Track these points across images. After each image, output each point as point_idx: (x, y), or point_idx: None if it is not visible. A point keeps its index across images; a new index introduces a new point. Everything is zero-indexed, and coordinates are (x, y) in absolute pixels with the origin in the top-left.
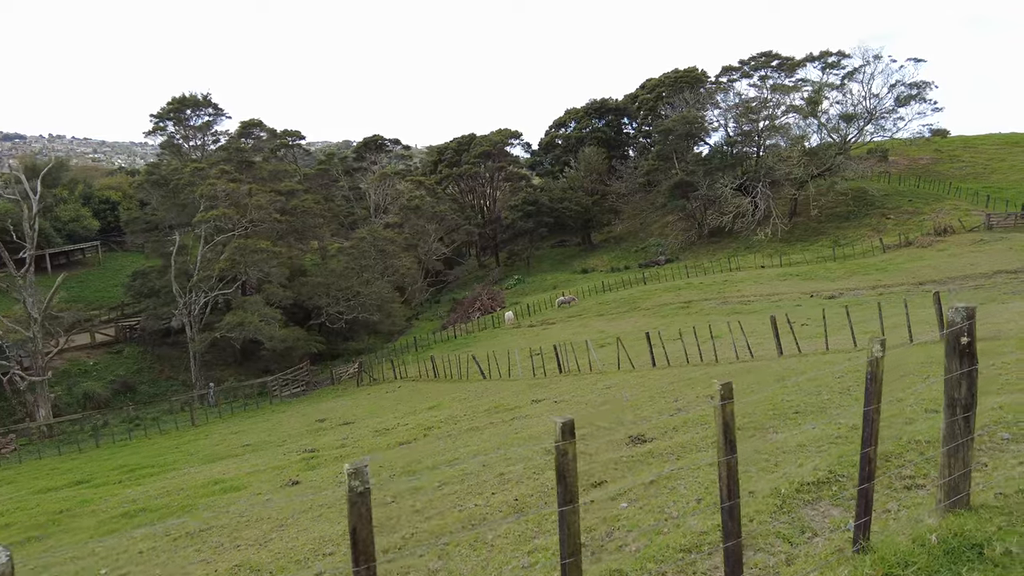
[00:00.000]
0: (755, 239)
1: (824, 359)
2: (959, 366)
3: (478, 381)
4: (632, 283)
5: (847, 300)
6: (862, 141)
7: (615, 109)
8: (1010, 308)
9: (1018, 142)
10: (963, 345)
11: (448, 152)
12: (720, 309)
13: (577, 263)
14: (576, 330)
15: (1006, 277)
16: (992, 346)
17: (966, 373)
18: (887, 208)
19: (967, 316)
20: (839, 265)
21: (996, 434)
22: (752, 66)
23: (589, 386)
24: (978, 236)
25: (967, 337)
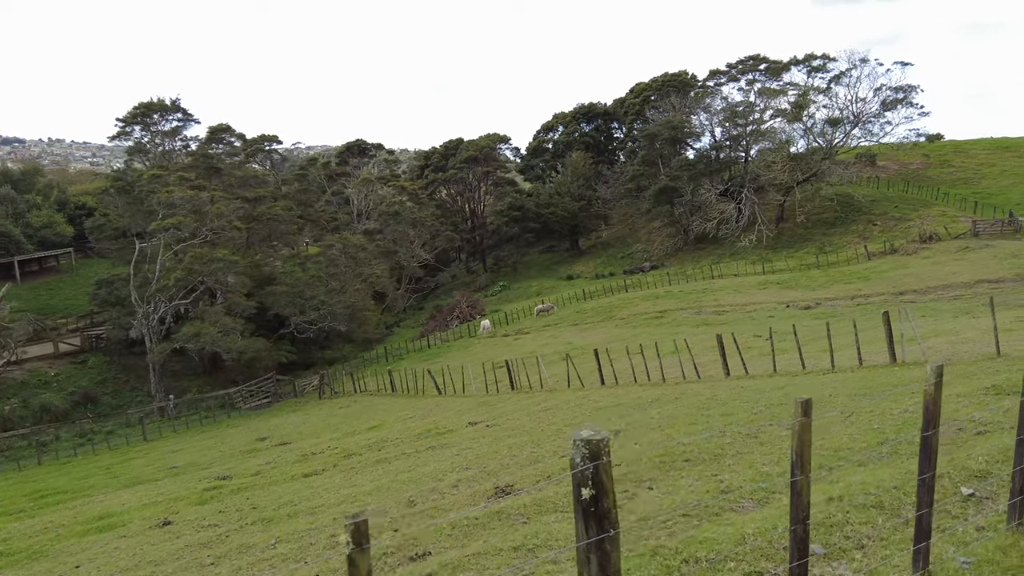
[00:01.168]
0: (740, 246)
1: (766, 383)
2: (586, 533)
3: (433, 397)
4: (614, 291)
5: (822, 312)
6: (849, 145)
7: (603, 114)
8: (979, 324)
9: (1009, 147)
10: (586, 501)
11: (435, 157)
12: (693, 319)
13: (563, 269)
14: (546, 341)
15: (987, 287)
16: (908, 374)
17: (595, 544)
18: (874, 214)
19: (591, 455)
20: (822, 273)
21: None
22: (740, 70)
23: (530, 407)
24: (964, 243)
25: (592, 489)
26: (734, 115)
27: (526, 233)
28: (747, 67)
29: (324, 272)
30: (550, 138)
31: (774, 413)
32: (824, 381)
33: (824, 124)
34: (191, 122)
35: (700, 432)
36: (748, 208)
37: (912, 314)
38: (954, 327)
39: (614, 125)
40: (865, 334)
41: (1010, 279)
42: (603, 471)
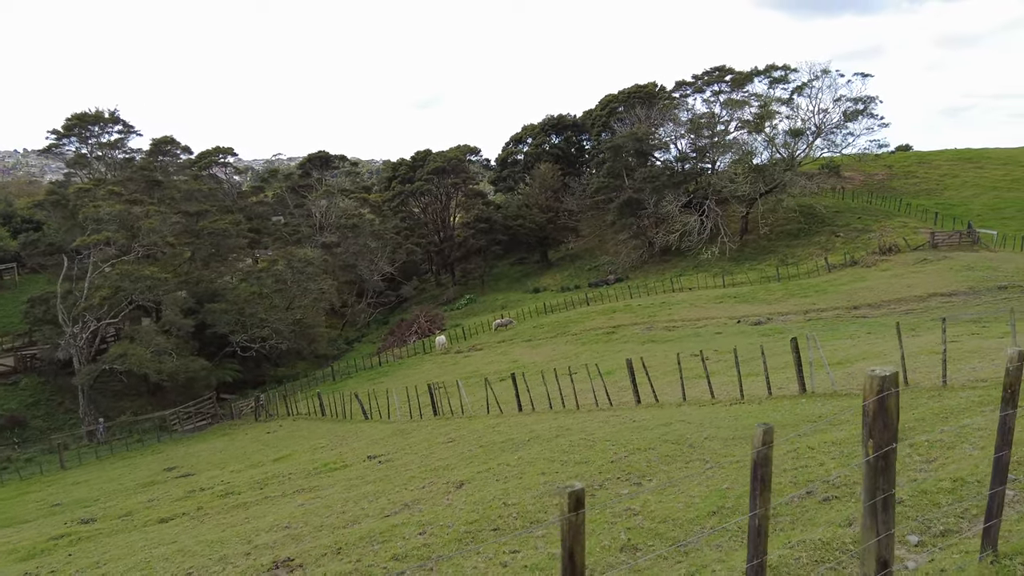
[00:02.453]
0: (703, 258)
1: (660, 416)
2: None
3: (359, 421)
4: (575, 304)
5: (771, 328)
6: (812, 157)
7: (572, 125)
8: (919, 341)
9: (971, 158)
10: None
11: (402, 168)
12: (641, 336)
13: (531, 282)
14: (494, 359)
15: (939, 301)
16: (810, 408)
17: None
18: (837, 225)
19: None
20: (781, 286)
21: None
22: (705, 81)
23: (437, 438)
24: (922, 255)
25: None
26: (697, 126)
27: (494, 245)
28: (712, 78)
29: (270, 288)
30: (519, 150)
31: (630, 463)
32: (720, 416)
33: (786, 135)
34: (132, 134)
35: (539, 486)
36: (711, 220)
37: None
38: (884, 348)
39: (583, 137)
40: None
41: (962, 292)
42: None
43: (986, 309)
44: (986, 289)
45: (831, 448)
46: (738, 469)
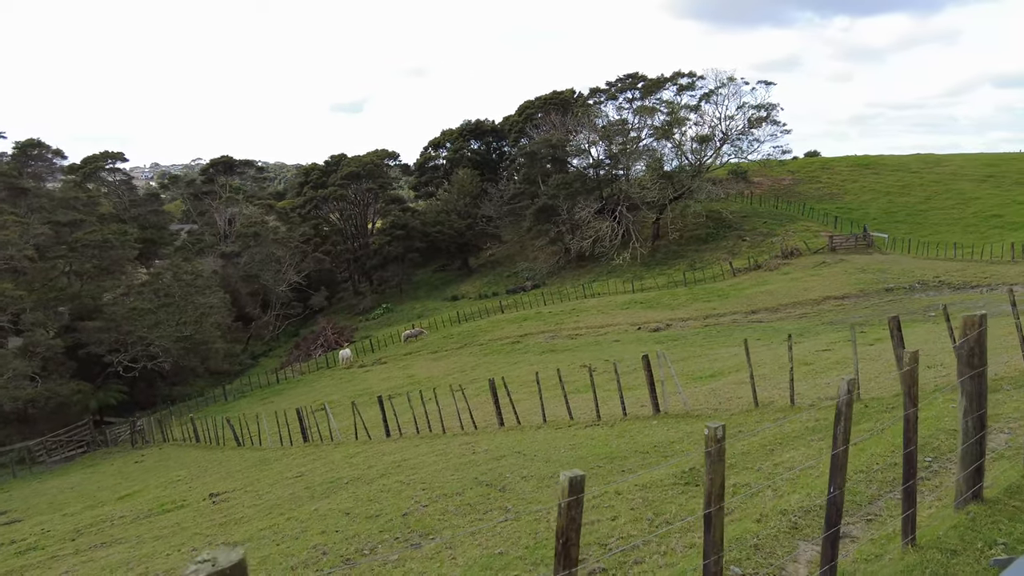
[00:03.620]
0: (615, 263)
1: (515, 441)
2: None
3: (231, 448)
4: (490, 312)
5: (668, 334)
6: (719, 163)
7: (491, 131)
8: (798, 349)
9: (869, 164)
10: None
11: (315, 174)
12: (543, 346)
13: (451, 289)
14: (392, 374)
15: (832, 304)
16: (656, 433)
17: None
18: (744, 230)
19: None
20: (687, 291)
21: None
22: (618, 88)
23: (295, 469)
24: (821, 258)
25: None
26: (608, 133)
27: (411, 253)
28: (625, 85)
29: (154, 303)
30: (438, 155)
31: (423, 517)
32: (560, 444)
33: (693, 142)
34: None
35: (304, 552)
36: (623, 226)
37: (750, 335)
38: (759, 359)
39: (503, 143)
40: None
41: (854, 295)
42: None
43: (872, 312)
44: (875, 291)
45: (638, 495)
46: (533, 523)
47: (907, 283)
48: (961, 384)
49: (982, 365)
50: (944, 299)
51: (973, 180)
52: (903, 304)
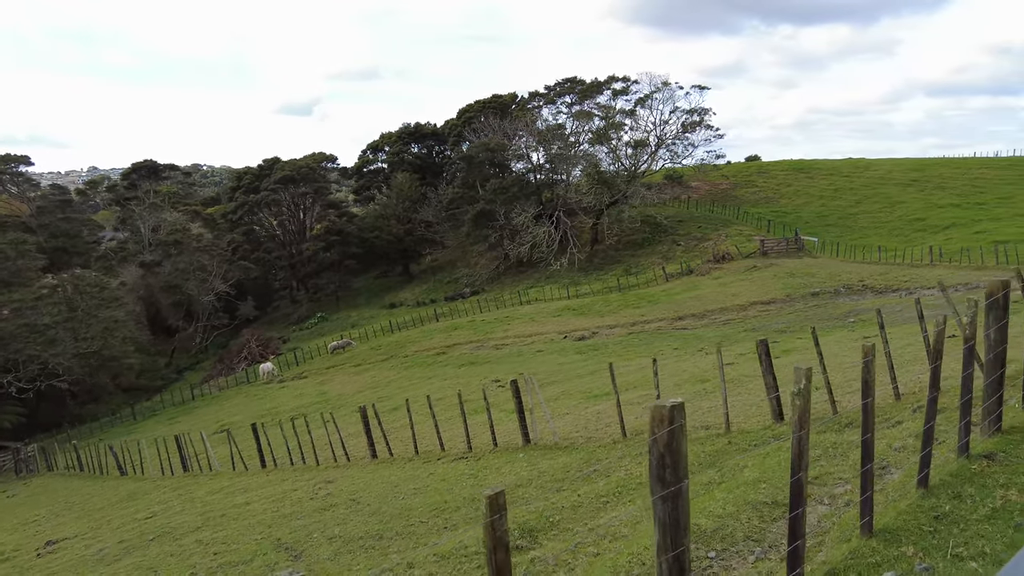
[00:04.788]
0: (553, 269)
1: (370, 478)
2: None
3: (115, 478)
4: (424, 320)
5: (592, 343)
6: (655, 168)
7: (432, 135)
8: (705, 363)
9: (803, 168)
10: None
11: (247, 178)
12: (465, 357)
13: (389, 296)
14: (306, 391)
15: (758, 309)
16: (517, 470)
17: None
18: (679, 234)
19: None
20: (620, 297)
21: None
22: (556, 92)
23: (154, 506)
24: (752, 262)
25: None
26: (544, 137)
27: (348, 259)
28: (564, 89)
29: (53, 318)
30: (377, 159)
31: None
32: (408, 484)
33: (627, 147)
34: None
35: None
36: (560, 231)
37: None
38: (672, 370)
39: (444, 147)
40: (574, 383)
41: (780, 300)
42: None
43: (795, 318)
44: (801, 296)
45: (433, 568)
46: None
47: (832, 287)
48: (654, 506)
49: (677, 481)
50: (866, 303)
51: (899, 184)
52: (826, 309)
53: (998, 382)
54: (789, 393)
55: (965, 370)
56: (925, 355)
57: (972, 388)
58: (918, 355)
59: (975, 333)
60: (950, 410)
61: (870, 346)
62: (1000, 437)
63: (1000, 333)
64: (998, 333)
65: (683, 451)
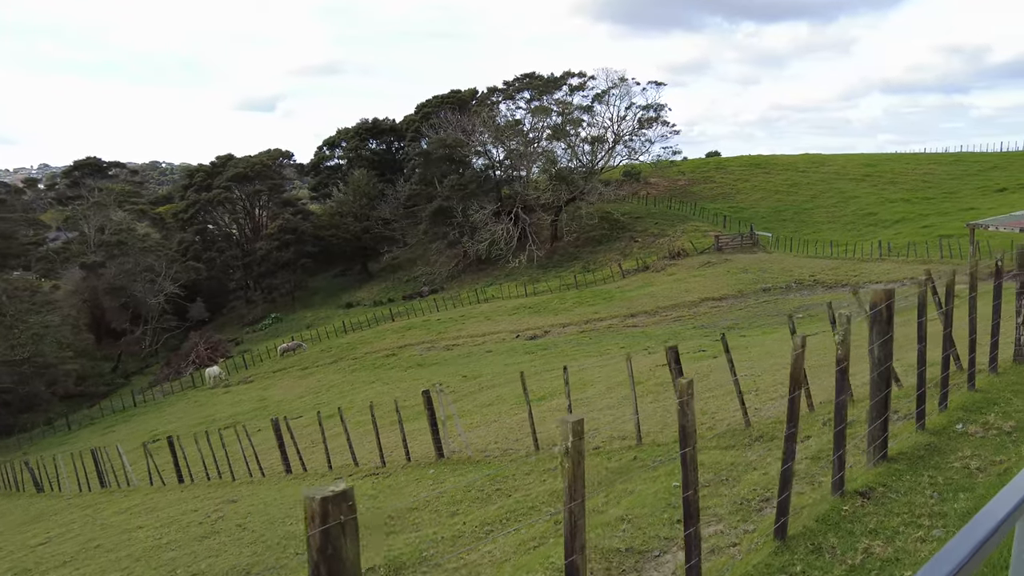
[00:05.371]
0: (512, 267)
1: (266, 499)
2: None
3: (30, 496)
4: (379, 320)
5: (543, 343)
6: (613, 164)
7: (390, 130)
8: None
9: (760, 164)
10: None
11: (199, 176)
12: (416, 358)
13: (346, 296)
14: (247, 397)
15: (709, 306)
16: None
17: None
18: (636, 231)
19: None
20: (576, 294)
21: None
22: (515, 88)
23: (53, 529)
24: (707, 259)
25: None
26: (502, 133)
27: (303, 258)
28: (523, 85)
29: None
30: (333, 155)
31: None
32: (289, 511)
33: (584, 143)
34: None
35: None
36: (519, 228)
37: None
38: (610, 372)
39: (403, 143)
40: (512, 389)
41: (731, 296)
42: None
43: (744, 315)
44: (752, 292)
45: None
46: None
47: (784, 283)
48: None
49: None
50: (816, 299)
51: (853, 179)
52: (776, 305)
53: (883, 404)
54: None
55: (838, 396)
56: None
57: (846, 416)
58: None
59: (848, 354)
60: (858, 423)
61: (686, 383)
62: (885, 466)
63: (884, 349)
64: (882, 349)
65: None
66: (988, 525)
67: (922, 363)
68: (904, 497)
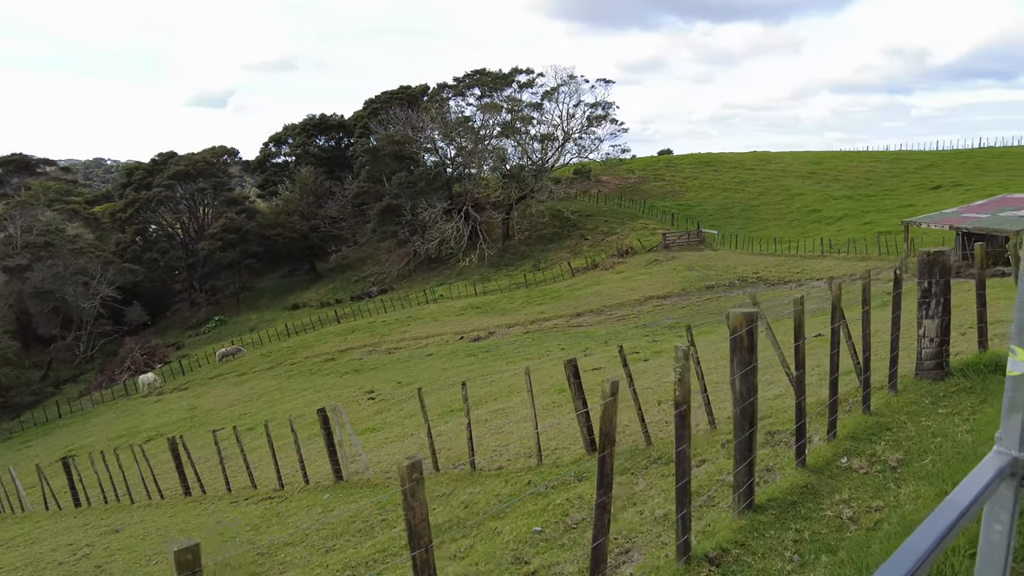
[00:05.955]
0: (463, 266)
1: (155, 525)
2: None
3: None
4: (324, 323)
5: (485, 345)
6: (564, 162)
7: (338, 126)
8: (560, 370)
9: (709, 162)
10: None
11: (139, 173)
12: (354, 363)
13: (293, 297)
14: (175, 407)
15: (653, 304)
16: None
17: None
18: (587, 229)
19: None
20: (525, 293)
21: None
22: (465, 84)
23: None
24: (654, 256)
25: None
26: (452, 130)
27: (248, 258)
28: (473, 81)
29: None
30: (280, 152)
31: None
32: (201, 530)
33: (534, 140)
34: None
35: None
36: (469, 227)
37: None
38: (538, 379)
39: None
40: (440, 397)
41: (675, 294)
42: None
43: (687, 313)
44: (696, 290)
45: None
46: None
47: (728, 280)
48: None
49: None
50: (760, 296)
51: (799, 177)
52: (718, 303)
53: (747, 446)
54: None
55: (678, 446)
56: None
57: (689, 471)
58: (775, 361)
59: (687, 395)
60: (780, 435)
61: (609, 388)
62: (749, 518)
63: (747, 382)
64: (744, 382)
65: None
66: (957, 509)
67: (801, 392)
68: (759, 562)
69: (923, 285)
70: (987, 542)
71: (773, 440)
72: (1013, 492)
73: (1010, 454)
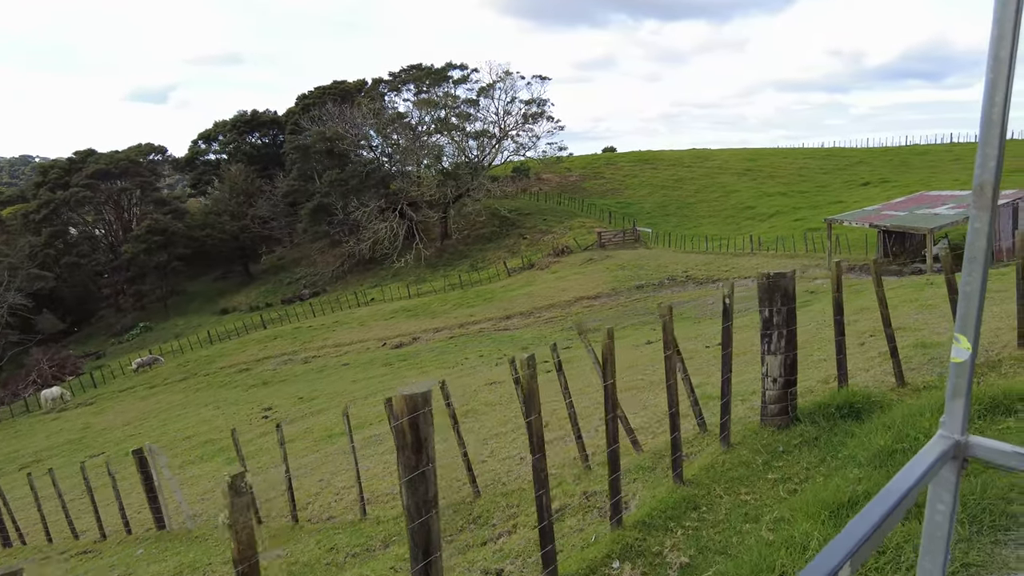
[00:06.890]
0: (399, 266)
1: None
2: None
3: None
4: (249, 328)
5: (407, 351)
6: (501, 160)
7: (271, 122)
8: (468, 381)
9: (648, 160)
10: None
11: (54, 172)
12: (266, 374)
13: (224, 301)
14: (71, 425)
15: (583, 305)
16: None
17: None
18: (525, 228)
19: None
20: (459, 295)
21: None
22: (402, 79)
23: None
24: (589, 256)
25: None
26: (386, 126)
27: (175, 261)
28: (409, 76)
29: None
30: (210, 149)
31: None
32: None
33: (469, 137)
34: None
35: None
36: (405, 226)
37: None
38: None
39: (285, 136)
40: (329, 417)
41: (606, 294)
42: None
43: (614, 314)
44: (626, 289)
45: None
46: None
47: (658, 279)
48: None
49: None
50: (686, 295)
51: (735, 174)
52: (646, 303)
53: None
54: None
55: None
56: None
57: None
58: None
59: None
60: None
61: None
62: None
63: (415, 494)
64: (412, 494)
65: None
66: (901, 490)
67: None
68: None
69: (764, 314)
70: (931, 522)
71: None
72: (955, 474)
73: (953, 438)
